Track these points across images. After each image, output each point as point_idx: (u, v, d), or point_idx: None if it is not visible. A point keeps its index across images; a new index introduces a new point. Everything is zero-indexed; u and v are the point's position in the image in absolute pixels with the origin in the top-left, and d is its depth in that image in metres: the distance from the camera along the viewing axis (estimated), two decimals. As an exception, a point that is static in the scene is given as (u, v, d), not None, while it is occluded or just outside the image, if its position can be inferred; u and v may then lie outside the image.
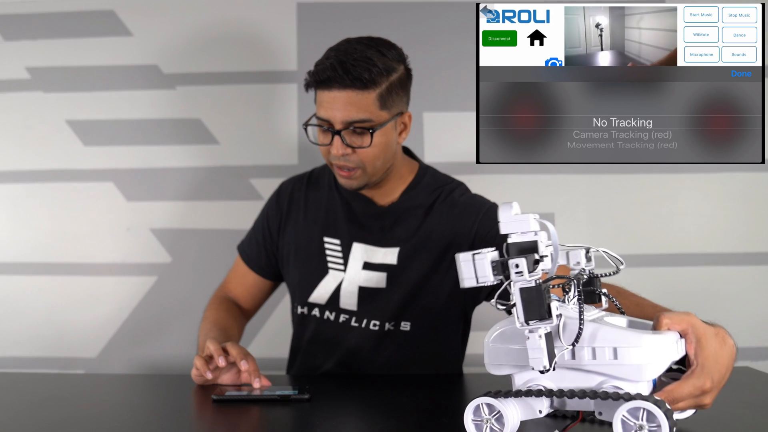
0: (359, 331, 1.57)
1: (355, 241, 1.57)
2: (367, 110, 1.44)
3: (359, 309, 1.57)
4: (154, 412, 1.28)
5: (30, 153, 2.07)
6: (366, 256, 1.56)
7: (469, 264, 0.93)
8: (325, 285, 1.59)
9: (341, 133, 1.44)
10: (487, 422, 0.97)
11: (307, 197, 1.67)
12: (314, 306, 1.61)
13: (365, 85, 1.42)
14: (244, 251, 1.72)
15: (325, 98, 1.44)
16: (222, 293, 1.72)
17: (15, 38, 2.07)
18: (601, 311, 1.02)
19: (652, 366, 0.92)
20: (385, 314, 1.55)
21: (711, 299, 2.06)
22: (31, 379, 1.52)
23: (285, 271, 1.68)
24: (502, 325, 1.00)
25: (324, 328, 1.60)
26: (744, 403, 1.22)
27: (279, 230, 1.67)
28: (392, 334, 1.57)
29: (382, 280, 1.55)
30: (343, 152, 1.46)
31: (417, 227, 1.56)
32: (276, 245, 1.68)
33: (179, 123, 2.07)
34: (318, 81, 1.44)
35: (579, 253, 1.01)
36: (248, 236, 1.73)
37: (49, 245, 2.07)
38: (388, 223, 1.57)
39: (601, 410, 0.95)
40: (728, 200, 2.07)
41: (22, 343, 2.06)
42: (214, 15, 2.08)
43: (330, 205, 1.63)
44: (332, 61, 1.42)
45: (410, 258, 1.54)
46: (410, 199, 1.58)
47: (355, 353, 1.57)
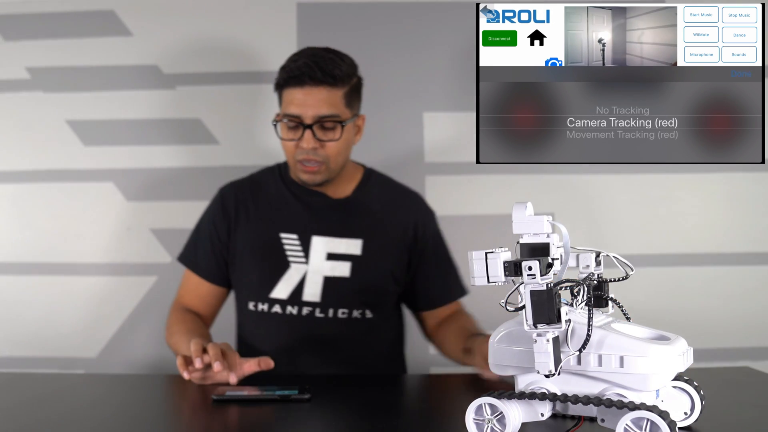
0: (325, 321, 1.64)
1: (314, 234, 1.66)
2: (336, 106, 1.57)
3: (323, 299, 1.64)
4: (154, 412, 1.28)
5: (30, 153, 2.07)
6: (328, 247, 1.65)
7: (482, 263, 0.93)
8: (288, 279, 1.64)
9: (312, 128, 1.55)
10: (489, 422, 0.97)
11: (255, 198, 1.71)
12: (276, 302, 1.65)
13: (336, 81, 1.56)
14: (192, 263, 1.72)
15: (297, 95, 1.56)
16: (179, 308, 1.72)
17: (15, 38, 2.07)
18: (609, 316, 1.01)
19: (658, 376, 0.92)
20: (353, 302, 1.65)
21: (711, 299, 2.06)
22: (31, 379, 1.52)
23: (236, 273, 1.70)
24: (509, 326, 1.00)
25: (287, 322, 1.64)
26: (744, 403, 1.22)
27: (229, 234, 1.69)
28: (359, 321, 1.66)
29: (347, 269, 1.65)
30: (313, 146, 1.57)
31: (376, 220, 1.69)
32: (227, 249, 1.70)
33: (179, 123, 2.07)
34: (292, 78, 1.55)
35: (589, 256, 1.01)
36: (192, 248, 1.73)
37: (49, 245, 2.07)
38: (347, 216, 1.69)
39: (605, 417, 0.94)
40: (728, 200, 2.08)
41: (22, 343, 2.06)
42: (214, 15, 2.08)
43: (282, 202, 1.69)
44: (305, 60, 1.56)
45: (373, 248, 1.66)
46: (364, 194, 1.72)
47: (324, 343, 1.62)
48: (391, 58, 2.08)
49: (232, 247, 1.69)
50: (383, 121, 2.08)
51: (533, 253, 0.93)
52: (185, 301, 1.73)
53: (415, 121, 2.08)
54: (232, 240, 1.69)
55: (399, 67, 2.08)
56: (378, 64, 2.08)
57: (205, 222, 1.73)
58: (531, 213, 0.94)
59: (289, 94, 1.58)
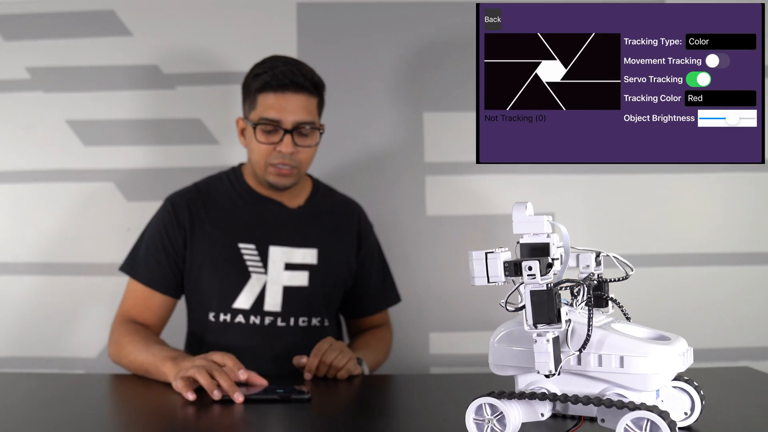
0: (287, 330, 1.66)
1: (271, 245, 1.68)
2: (312, 114, 1.65)
3: (284, 309, 1.66)
4: (155, 412, 1.28)
5: (30, 153, 2.07)
6: (285, 257, 1.68)
7: (482, 263, 0.93)
8: (250, 289, 1.65)
9: (292, 133, 1.61)
10: (489, 422, 0.97)
11: (207, 208, 1.70)
12: (238, 312, 1.65)
13: (314, 90, 1.64)
14: (141, 274, 1.67)
15: (277, 100, 1.61)
16: (126, 321, 1.65)
17: (15, 38, 2.07)
18: (609, 316, 1.01)
19: (658, 376, 0.92)
20: (312, 310, 1.68)
21: (711, 299, 2.06)
22: (31, 379, 1.52)
23: (193, 284, 1.68)
24: (509, 326, 1.00)
25: (251, 332, 1.64)
26: (744, 403, 1.22)
27: (185, 245, 1.67)
28: (318, 329, 1.68)
29: (305, 279, 1.68)
30: (291, 150, 1.61)
31: (328, 229, 1.73)
32: (182, 260, 1.67)
33: (179, 123, 2.07)
34: (275, 83, 1.60)
35: (589, 256, 1.01)
36: (140, 259, 1.68)
37: (49, 245, 2.07)
38: (301, 226, 1.71)
39: (605, 417, 0.94)
40: (728, 200, 2.07)
41: (22, 343, 2.06)
42: (214, 15, 2.08)
43: (238, 213, 1.70)
44: (287, 67, 1.62)
45: (328, 257, 1.71)
46: (316, 204, 1.76)
47: (289, 351, 1.61)
48: (391, 58, 2.08)
49: (189, 257, 1.67)
50: (383, 121, 2.08)
51: (533, 253, 0.93)
52: (134, 314, 1.66)
53: (415, 121, 2.08)
54: (189, 250, 1.67)
55: (399, 67, 2.08)
56: (378, 64, 2.08)
57: (155, 232, 1.69)
58: (531, 213, 0.94)
59: (267, 99, 1.62)
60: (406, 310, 1.99)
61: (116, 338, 1.60)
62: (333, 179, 2.01)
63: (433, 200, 2.07)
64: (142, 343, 1.53)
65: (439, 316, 2.06)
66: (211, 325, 1.66)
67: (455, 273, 2.03)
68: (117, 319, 1.67)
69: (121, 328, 1.62)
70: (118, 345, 1.58)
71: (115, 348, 1.59)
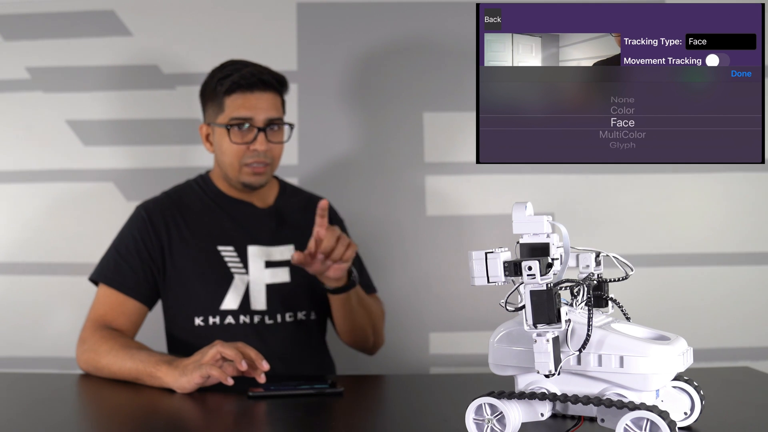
0: (275, 327, 1.66)
1: (249, 245, 1.69)
2: (280, 111, 1.69)
3: (269, 306, 1.66)
4: (155, 412, 1.28)
5: (30, 153, 2.07)
6: (264, 255, 1.69)
7: (482, 263, 0.92)
8: (235, 289, 1.66)
9: (265, 131, 1.64)
10: (489, 422, 0.97)
11: (183, 215, 1.71)
12: (227, 313, 1.65)
13: (280, 87, 1.69)
14: (115, 281, 1.63)
15: (247, 100, 1.63)
16: (100, 327, 1.59)
17: (15, 38, 2.07)
18: (609, 316, 1.01)
19: (658, 376, 0.92)
20: (296, 305, 1.68)
21: (711, 299, 2.06)
22: (31, 379, 1.52)
23: (175, 291, 1.67)
24: (508, 326, 1.00)
25: (242, 332, 1.63)
26: (744, 403, 1.22)
27: (162, 254, 1.66)
28: (304, 323, 1.69)
29: (286, 275, 1.69)
30: (265, 148, 1.64)
31: (301, 225, 1.70)
32: (158, 269, 1.66)
33: (179, 123, 2.07)
34: (243, 83, 1.62)
35: (589, 256, 1.01)
36: (113, 267, 1.65)
37: (49, 245, 2.07)
38: (275, 224, 1.73)
39: (604, 417, 0.94)
40: (728, 200, 2.08)
41: (22, 343, 2.06)
42: (214, 15, 2.08)
43: (212, 217, 1.71)
44: (252, 68, 1.66)
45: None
46: (286, 203, 1.78)
47: (280, 349, 1.62)
48: (391, 58, 2.08)
49: (169, 265, 1.66)
50: (383, 121, 2.08)
51: (533, 253, 0.93)
52: (108, 320, 1.61)
53: (415, 121, 2.08)
54: (168, 259, 1.66)
55: (399, 67, 2.08)
56: (378, 64, 2.08)
57: (129, 239, 1.67)
58: (531, 213, 0.94)
59: (235, 100, 1.64)
60: (406, 310, 1.99)
61: (91, 346, 1.52)
62: (333, 179, 2.01)
63: (433, 200, 2.07)
64: (124, 349, 1.46)
65: (439, 316, 2.06)
66: (198, 330, 1.65)
67: (455, 273, 2.03)
68: (87, 325, 1.60)
69: (97, 335, 1.55)
70: (95, 353, 1.50)
71: (92, 355, 1.51)
